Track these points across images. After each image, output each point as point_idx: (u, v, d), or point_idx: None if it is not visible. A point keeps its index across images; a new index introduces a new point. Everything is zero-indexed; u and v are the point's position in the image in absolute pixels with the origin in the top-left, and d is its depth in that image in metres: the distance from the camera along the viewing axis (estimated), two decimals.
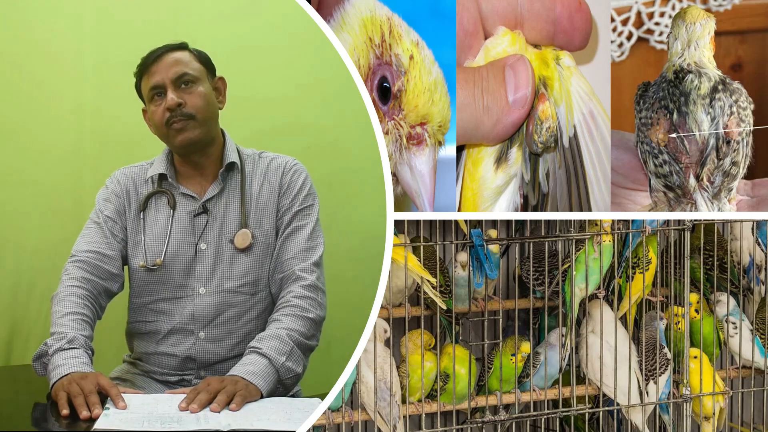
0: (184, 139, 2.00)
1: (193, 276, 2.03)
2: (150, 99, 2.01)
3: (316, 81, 2.59)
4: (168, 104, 1.98)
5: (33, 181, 2.53)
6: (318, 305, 1.99)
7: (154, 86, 2.00)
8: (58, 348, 1.83)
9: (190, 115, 1.99)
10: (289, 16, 2.54)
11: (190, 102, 1.99)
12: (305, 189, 2.07)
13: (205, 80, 2.03)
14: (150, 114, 2.03)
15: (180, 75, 2.00)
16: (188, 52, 2.03)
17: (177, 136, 1.99)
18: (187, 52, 2.03)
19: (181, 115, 1.98)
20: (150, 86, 2.00)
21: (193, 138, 2.00)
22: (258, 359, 1.86)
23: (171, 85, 1.99)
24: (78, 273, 1.97)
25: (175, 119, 1.98)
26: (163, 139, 2.04)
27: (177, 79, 1.99)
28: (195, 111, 2.00)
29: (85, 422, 1.69)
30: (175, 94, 1.98)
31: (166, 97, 1.98)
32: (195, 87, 2.01)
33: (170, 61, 2.00)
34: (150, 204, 2.05)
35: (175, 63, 2.00)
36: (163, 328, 2.04)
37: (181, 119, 1.99)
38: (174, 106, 1.98)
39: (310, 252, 2.03)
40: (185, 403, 1.74)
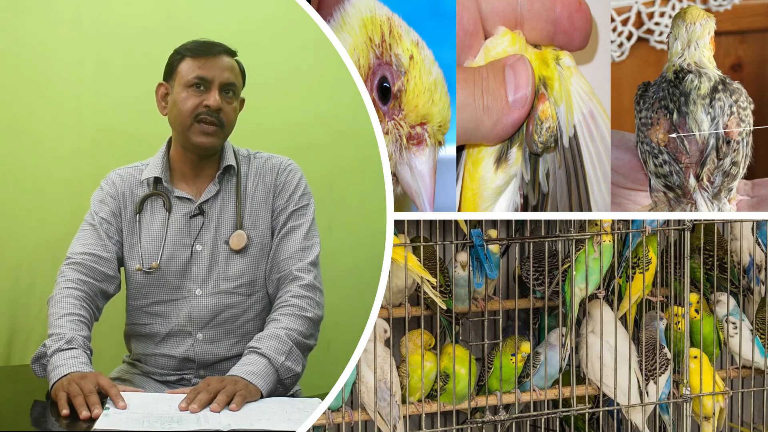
0: (206, 142, 1.99)
1: (190, 278, 2.02)
2: (187, 84, 1.98)
3: (316, 81, 2.59)
4: (211, 103, 1.96)
5: (33, 181, 2.53)
6: (316, 304, 1.99)
7: (201, 77, 1.97)
8: (57, 349, 1.83)
9: (222, 123, 1.99)
10: (289, 16, 2.54)
11: (226, 111, 1.99)
12: (300, 189, 2.07)
13: (239, 96, 2.03)
14: (177, 97, 1.99)
15: (230, 83, 1.99)
16: (237, 64, 2.03)
17: (200, 136, 1.98)
18: (236, 62, 2.02)
19: (216, 119, 1.98)
20: (196, 74, 1.97)
21: (213, 144, 2.00)
22: (257, 359, 1.86)
23: (218, 87, 1.98)
24: (74, 275, 1.97)
25: (207, 119, 1.97)
26: (177, 126, 2.01)
27: (226, 85, 1.99)
28: (226, 122, 2.00)
29: (85, 422, 1.69)
30: (219, 97, 1.98)
31: (209, 94, 1.97)
32: (233, 101, 2.01)
33: (226, 64, 1.99)
34: (145, 206, 2.05)
35: (230, 69, 2.00)
36: (160, 331, 2.03)
37: (213, 123, 1.98)
38: (216, 107, 1.97)
39: (306, 251, 2.03)
40: (185, 403, 1.74)
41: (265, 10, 2.59)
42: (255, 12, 2.58)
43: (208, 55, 1.99)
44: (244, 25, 2.57)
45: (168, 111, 2.02)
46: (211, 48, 2.00)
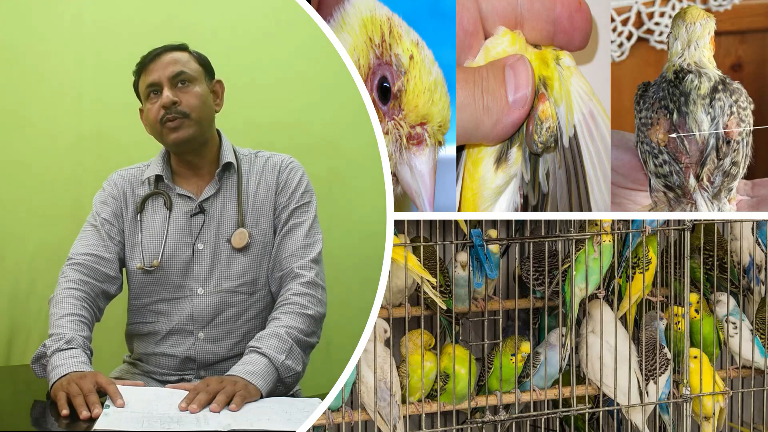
0: (178, 137, 2.00)
1: (191, 276, 2.02)
2: (146, 97, 2.01)
3: (316, 81, 2.59)
4: (163, 101, 1.98)
5: (33, 181, 2.53)
6: (317, 302, 1.99)
7: (150, 84, 2.00)
8: (57, 349, 1.83)
9: (184, 113, 1.99)
10: (289, 16, 2.54)
11: (185, 100, 2.00)
12: (302, 186, 2.07)
13: (203, 81, 2.03)
14: (145, 112, 2.03)
15: (177, 74, 2.00)
16: (188, 53, 2.04)
17: (171, 134, 2.00)
18: (186, 53, 2.04)
19: (176, 112, 1.99)
20: (147, 84, 2.00)
21: (186, 136, 2.00)
22: (257, 358, 1.86)
23: (167, 83, 1.99)
24: (75, 276, 1.97)
25: (170, 116, 1.98)
26: (157, 138, 2.04)
27: (173, 78, 2.00)
28: (190, 110, 2.00)
29: (85, 422, 1.69)
30: (171, 92, 1.98)
31: (162, 95, 1.99)
32: (191, 87, 2.01)
33: (168, 60, 2.01)
34: (147, 206, 2.05)
35: (173, 62, 2.01)
36: (162, 329, 2.04)
37: (175, 117, 1.99)
38: (169, 103, 1.98)
39: (308, 249, 2.03)
40: (185, 404, 1.74)
41: (265, 10, 2.59)
42: (255, 12, 2.58)
43: (152, 60, 2.01)
44: (243, 25, 2.57)
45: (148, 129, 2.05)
46: (152, 53, 2.02)
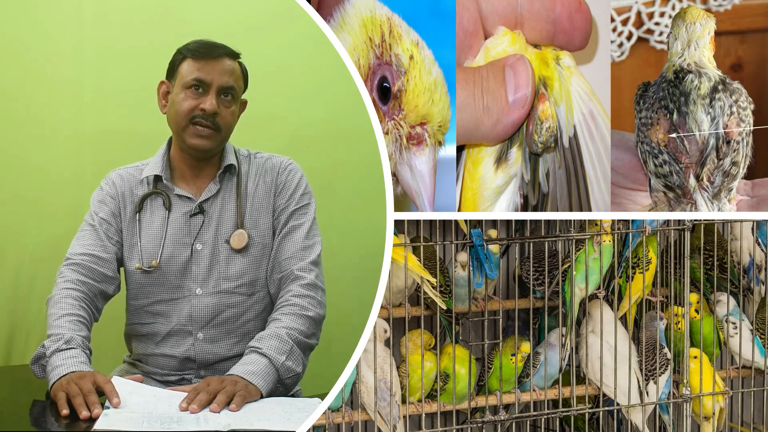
0: (200, 145, 1.99)
1: (190, 277, 2.02)
2: (185, 85, 1.98)
3: (316, 81, 2.59)
4: (207, 107, 1.96)
5: (33, 181, 2.53)
6: (317, 303, 1.99)
7: (199, 79, 1.97)
8: (56, 349, 1.83)
9: (218, 126, 1.98)
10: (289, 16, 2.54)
11: (223, 115, 1.98)
12: (301, 188, 2.07)
13: (239, 99, 2.03)
14: (176, 97, 1.99)
15: (229, 86, 1.98)
16: (239, 65, 2.02)
17: (195, 138, 1.98)
18: (239, 65, 2.02)
19: (212, 123, 1.97)
20: (195, 76, 1.97)
21: (208, 147, 1.99)
22: (258, 359, 1.86)
23: (216, 90, 1.97)
24: (73, 276, 1.96)
25: (203, 122, 1.97)
26: (174, 127, 2.01)
27: (225, 89, 1.98)
28: (223, 125, 1.99)
29: (85, 422, 1.69)
30: (216, 101, 1.97)
31: (207, 98, 1.96)
32: (232, 104, 2.00)
33: (226, 68, 1.98)
34: (145, 205, 2.04)
35: (230, 72, 1.99)
36: (161, 330, 2.03)
37: (208, 126, 1.97)
38: (212, 111, 1.97)
39: (307, 251, 2.03)
40: (185, 404, 1.74)
41: (265, 10, 2.59)
42: (255, 11, 2.58)
43: (209, 57, 1.98)
44: (243, 25, 2.57)
45: (167, 110, 2.02)
46: (212, 50, 1.99)
